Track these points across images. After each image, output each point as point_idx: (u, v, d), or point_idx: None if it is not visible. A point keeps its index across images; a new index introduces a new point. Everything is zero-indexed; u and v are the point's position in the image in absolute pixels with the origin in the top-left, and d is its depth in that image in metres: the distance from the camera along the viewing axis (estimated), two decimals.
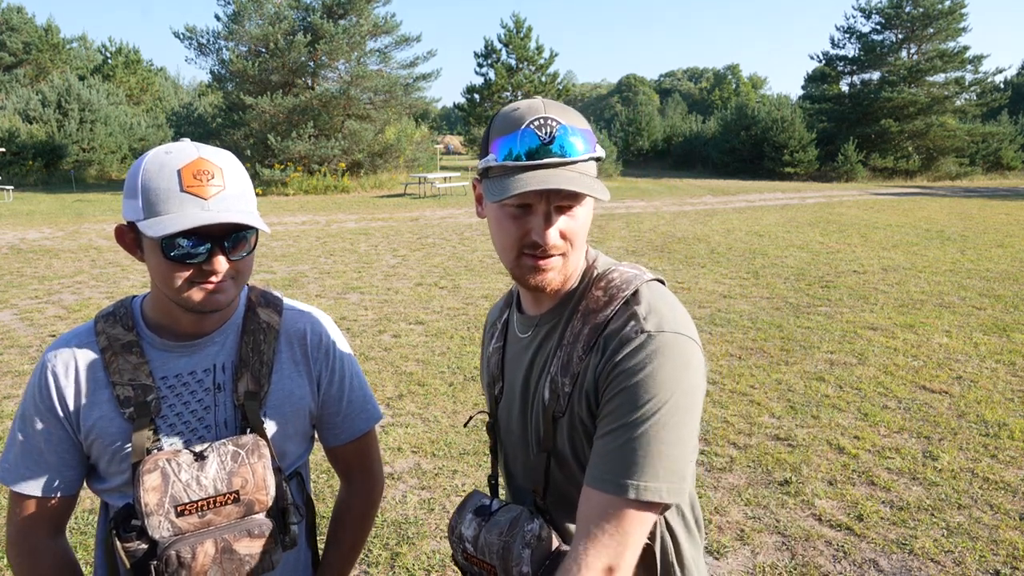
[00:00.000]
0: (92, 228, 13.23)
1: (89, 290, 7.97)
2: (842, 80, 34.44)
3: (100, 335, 1.16)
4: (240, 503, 1.11)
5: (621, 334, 1.00)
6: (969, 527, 3.20)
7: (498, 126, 1.01)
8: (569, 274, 1.09)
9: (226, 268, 1.08)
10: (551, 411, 1.07)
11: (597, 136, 1.03)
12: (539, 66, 38.50)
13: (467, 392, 4.84)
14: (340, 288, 8.18)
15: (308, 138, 22.33)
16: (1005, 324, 6.66)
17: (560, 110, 1.00)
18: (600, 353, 1.02)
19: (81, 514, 3.27)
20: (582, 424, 1.05)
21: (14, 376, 5.10)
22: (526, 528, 1.06)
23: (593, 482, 0.97)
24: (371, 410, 1.37)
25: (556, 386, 1.07)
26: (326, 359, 1.29)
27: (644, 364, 0.97)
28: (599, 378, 1.01)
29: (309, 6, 23.81)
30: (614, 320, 1.03)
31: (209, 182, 1.04)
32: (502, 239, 1.05)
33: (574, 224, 1.02)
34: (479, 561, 1.10)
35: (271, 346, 1.23)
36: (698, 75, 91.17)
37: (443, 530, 3.18)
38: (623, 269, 1.10)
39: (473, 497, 1.18)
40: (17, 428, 1.16)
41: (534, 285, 1.05)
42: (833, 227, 13.97)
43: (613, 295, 1.06)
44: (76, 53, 39.58)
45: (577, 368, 1.04)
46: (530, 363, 1.14)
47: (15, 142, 24.57)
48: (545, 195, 0.98)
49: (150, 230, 1.02)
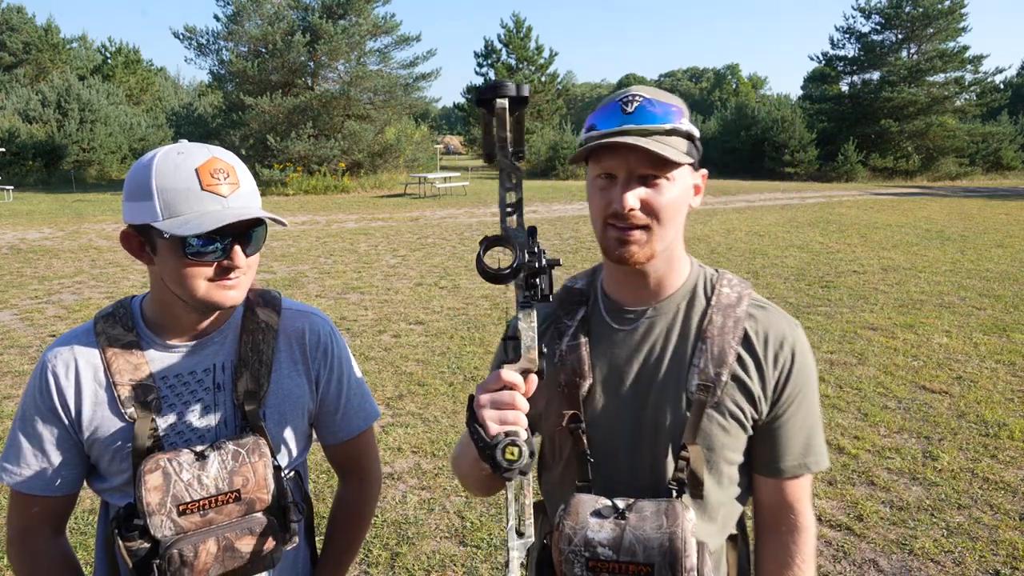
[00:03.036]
0: (92, 228, 13.23)
1: (89, 290, 7.97)
2: (842, 80, 34.45)
3: (100, 335, 1.16)
4: (241, 502, 1.12)
5: (781, 328, 1.14)
6: (969, 527, 3.20)
7: (595, 109, 1.08)
8: (658, 252, 1.08)
9: (244, 262, 1.11)
10: (703, 401, 1.08)
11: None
12: (539, 66, 38.52)
13: (467, 392, 4.83)
14: (340, 288, 8.18)
15: (308, 138, 22.34)
16: (1005, 324, 6.66)
17: (649, 90, 1.05)
18: (765, 346, 1.11)
19: (81, 514, 3.27)
20: (738, 411, 1.09)
21: (14, 376, 5.10)
22: (686, 517, 1.01)
23: (792, 469, 1.12)
24: (369, 409, 1.38)
25: (707, 376, 1.09)
26: (324, 358, 1.30)
27: (802, 353, 1.14)
28: (768, 368, 1.10)
29: (308, 6, 23.82)
30: (760, 313, 1.15)
31: (226, 180, 1.07)
32: (593, 212, 1.08)
33: (658, 197, 1.03)
34: (624, 565, 0.99)
35: (270, 345, 1.23)
36: (698, 75, 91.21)
37: (443, 530, 3.19)
38: (728, 272, 1.21)
39: (583, 499, 1.06)
40: (18, 428, 1.16)
41: (618, 256, 1.06)
42: (833, 227, 13.97)
43: (741, 292, 1.16)
44: (76, 53, 39.58)
45: (732, 359, 1.09)
46: (643, 354, 1.13)
47: (15, 142, 24.57)
48: (625, 163, 1.02)
49: (178, 229, 1.02)
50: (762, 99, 38.51)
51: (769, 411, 1.11)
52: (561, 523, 1.03)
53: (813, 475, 1.16)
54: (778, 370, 1.11)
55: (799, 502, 1.14)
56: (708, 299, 1.15)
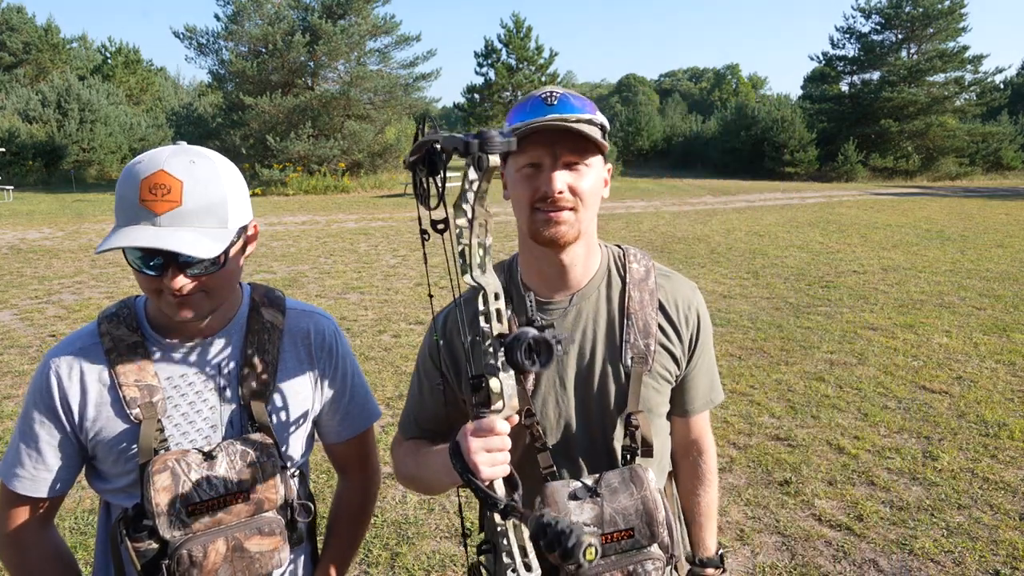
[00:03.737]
0: (92, 228, 13.23)
1: (89, 290, 7.97)
2: (842, 80, 34.45)
3: (104, 336, 1.16)
4: (250, 502, 1.12)
5: (686, 293, 1.27)
6: (969, 527, 3.20)
7: (516, 104, 1.17)
8: (582, 231, 1.16)
9: (184, 284, 1.05)
10: (640, 371, 1.21)
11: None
12: (539, 66, 38.50)
13: None
14: (340, 288, 8.18)
15: (307, 138, 22.34)
16: (1005, 324, 6.66)
17: (566, 89, 1.16)
18: (676, 310, 1.25)
19: (81, 514, 3.27)
20: (666, 372, 1.24)
21: (14, 376, 5.10)
22: (648, 479, 1.14)
23: (700, 407, 1.31)
24: (371, 408, 1.39)
25: (639, 349, 1.21)
26: (329, 358, 1.30)
27: (704, 312, 1.29)
28: (682, 329, 1.25)
29: (308, 6, 23.83)
30: (666, 282, 1.27)
31: (164, 197, 1.02)
32: (519, 199, 1.15)
33: (582, 181, 1.12)
34: (609, 535, 1.10)
35: (275, 345, 1.23)
36: (698, 75, 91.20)
37: (443, 530, 3.19)
38: (626, 245, 1.32)
39: (555, 487, 1.12)
40: (19, 428, 1.17)
41: (548, 237, 1.13)
42: (833, 227, 13.97)
43: (647, 266, 1.27)
44: (76, 53, 39.60)
45: (655, 328, 1.23)
46: (580, 340, 1.22)
47: (15, 142, 24.57)
48: (551, 150, 1.10)
49: (104, 240, 1.02)
50: (762, 99, 38.51)
51: (686, 366, 1.28)
52: (541, 517, 1.06)
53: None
54: (690, 330, 1.26)
55: (705, 431, 1.36)
56: (623, 277, 1.26)
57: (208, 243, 1.03)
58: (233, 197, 1.09)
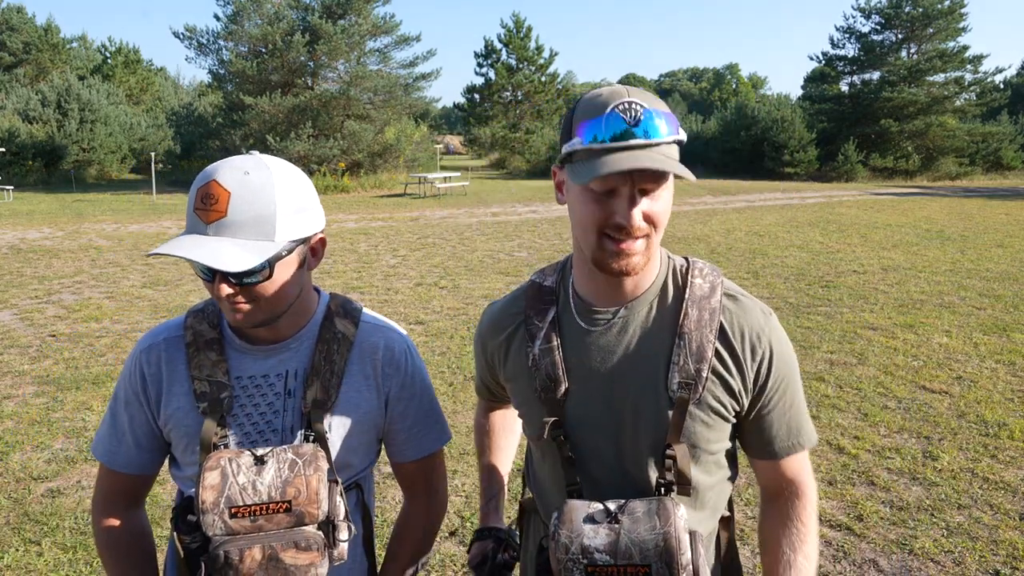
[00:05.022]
0: (92, 228, 13.23)
1: (89, 290, 7.97)
2: (842, 80, 34.45)
3: (188, 330, 1.22)
4: (291, 513, 1.11)
5: (756, 319, 1.11)
6: (969, 527, 3.20)
7: (582, 111, 1.01)
8: (651, 257, 1.08)
9: (230, 292, 1.09)
10: (685, 399, 1.07)
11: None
12: (539, 66, 38.52)
13: (467, 392, 4.84)
14: (340, 288, 8.17)
15: (307, 138, 22.34)
16: (1005, 324, 6.66)
17: (643, 95, 1.00)
18: (742, 338, 1.09)
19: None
20: (719, 406, 1.09)
21: (14, 376, 5.10)
22: (678, 515, 1.02)
23: (782, 451, 1.14)
24: (440, 431, 1.36)
25: (687, 373, 1.07)
26: (396, 375, 1.28)
27: (779, 343, 1.12)
28: (746, 361, 1.09)
29: (308, 6, 23.84)
30: (733, 304, 1.11)
31: (212, 207, 1.06)
32: (584, 222, 1.04)
33: (657, 206, 1.02)
34: (622, 568, 1.00)
35: (343, 357, 1.23)
36: (698, 75, 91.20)
37: (443, 530, 3.18)
38: (699, 260, 1.18)
39: (575, 506, 1.06)
40: (110, 407, 1.26)
41: (618, 269, 1.04)
42: (833, 227, 13.97)
43: (713, 284, 1.13)
44: (76, 53, 39.59)
45: (711, 353, 1.08)
46: (617, 355, 1.11)
47: (15, 142, 24.57)
48: (630, 177, 0.98)
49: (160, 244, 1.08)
50: (762, 99, 38.47)
51: (752, 404, 1.12)
52: (556, 532, 1.03)
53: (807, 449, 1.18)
54: (757, 363, 1.10)
55: (798, 474, 1.16)
56: (681, 292, 1.12)
57: (244, 255, 1.05)
58: (285, 210, 1.10)
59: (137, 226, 13.74)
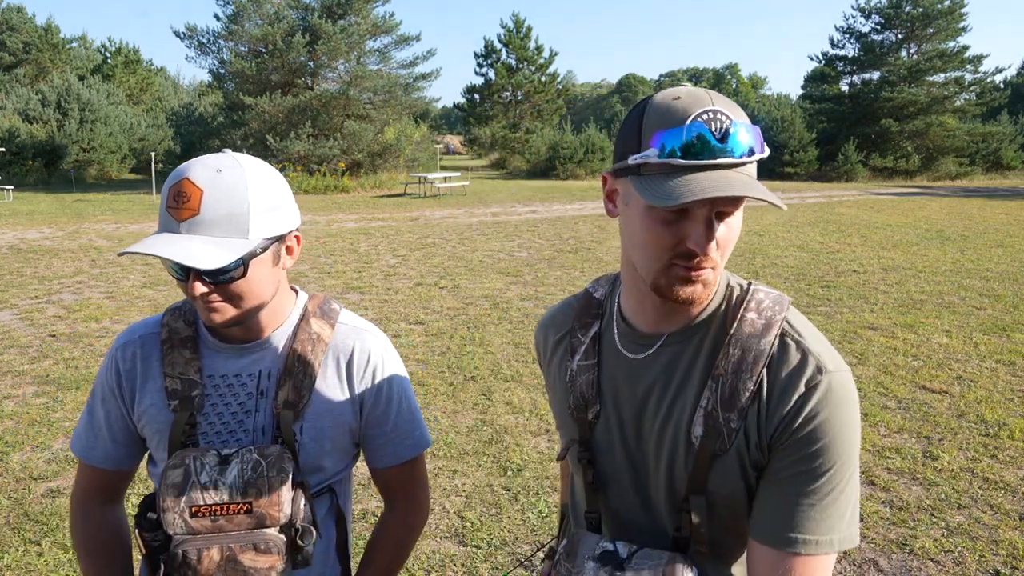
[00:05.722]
0: (92, 228, 13.23)
1: (89, 290, 7.97)
2: (842, 80, 34.45)
3: (164, 327, 1.22)
4: (252, 515, 1.10)
5: (805, 373, 0.91)
6: (969, 527, 3.20)
7: (656, 116, 0.87)
8: (714, 286, 0.96)
9: (204, 291, 1.07)
10: (709, 449, 0.93)
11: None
12: (539, 66, 38.52)
13: (467, 392, 4.84)
14: (340, 288, 8.17)
15: (307, 138, 22.36)
16: (1005, 324, 6.66)
17: (726, 103, 0.87)
18: (777, 390, 0.91)
19: None
20: (751, 465, 0.93)
21: (14, 376, 5.10)
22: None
23: (762, 536, 0.92)
24: (418, 437, 1.32)
25: (715, 421, 0.93)
26: (372, 379, 1.26)
27: (825, 409, 0.90)
28: (772, 418, 0.91)
29: (308, 6, 23.85)
30: (783, 353, 0.93)
31: (184, 205, 1.04)
32: (648, 245, 0.91)
33: (730, 233, 0.91)
34: None
35: (317, 358, 1.22)
36: (698, 75, 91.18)
37: (443, 530, 3.18)
38: (763, 288, 1.00)
39: (585, 540, 0.98)
40: (88, 403, 1.27)
41: (684, 298, 0.91)
42: (833, 227, 13.97)
43: (770, 320, 0.95)
44: (76, 53, 39.61)
45: (746, 403, 0.92)
46: (650, 388, 1.00)
47: (15, 142, 24.57)
48: (711, 201, 0.86)
49: (132, 245, 1.07)
50: (762, 99, 38.53)
51: (766, 465, 0.95)
52: (559, 563, 0.99)
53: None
54: (780, 423, 0.91)
55: None
56: (728, 327, 0.97)
57: (218, 253, 1.03)
58: (259, 207, 1.08)
59: (137, 226, 13.74)
